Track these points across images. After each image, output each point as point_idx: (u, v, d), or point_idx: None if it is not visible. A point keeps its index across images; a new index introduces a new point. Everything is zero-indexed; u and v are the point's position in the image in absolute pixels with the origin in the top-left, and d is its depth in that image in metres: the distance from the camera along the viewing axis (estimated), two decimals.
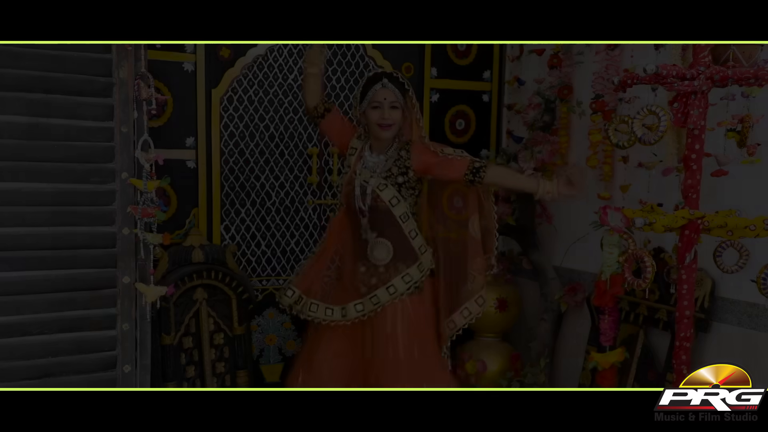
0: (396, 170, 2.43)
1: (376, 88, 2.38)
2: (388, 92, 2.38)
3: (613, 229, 2.05)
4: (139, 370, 2.29)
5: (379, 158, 2.47)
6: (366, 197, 2.41)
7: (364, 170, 2.46)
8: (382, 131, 2.41)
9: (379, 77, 2.40)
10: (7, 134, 2.11)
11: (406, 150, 2.46)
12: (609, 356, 2.33)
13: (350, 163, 2.51)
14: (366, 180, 2.43)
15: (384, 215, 2.42)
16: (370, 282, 2.42)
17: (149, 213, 2.20)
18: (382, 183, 2.41)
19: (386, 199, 2.41)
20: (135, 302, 2.27)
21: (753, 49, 2.05)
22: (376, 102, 2.38)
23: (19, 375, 2.14)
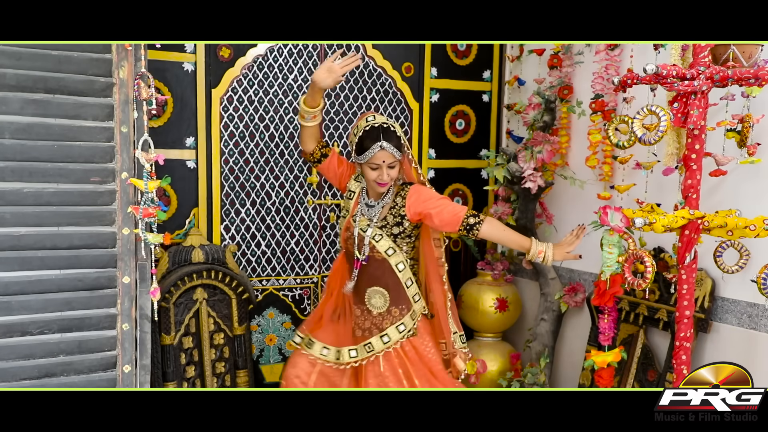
0: (391, 219, 2.36)
1: (374, 150, 2.25)
2: (387, 154, 2.26)
3: (613, 229, 2.05)
4: (139, 370, 2.29)
5: (378, 204, 2.39)
6: (363, 247, 2.35)
7: (362, 217, 2.39)
8: (378, 187, 2.33)
9: (377, 135, 2.26)
10: (7, 134, 2.11)
11: (402, 197, 2.36)
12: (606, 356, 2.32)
13: (348, 207, 2.44)
14: (363, 229, 2.37)
15: (381, 264, 2.36)
16: (364, 326, 2.38)
17: (150, 213, 2.20)
18: (378, 233, 2.35)
19: (382, 250, 2.34)
20: (135, 302, 2.27)
21: (753, 49, 2.05)
22: (374, 164, 2.28)
23: (19, 375, 2.14)
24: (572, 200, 3.22)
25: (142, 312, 2.28)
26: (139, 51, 2.23)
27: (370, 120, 2.31)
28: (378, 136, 2.26)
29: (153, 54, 2.82)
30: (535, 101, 3.16)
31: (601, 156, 2.94)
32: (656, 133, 1.98)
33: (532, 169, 3.06)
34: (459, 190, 3.69)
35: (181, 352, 2.93)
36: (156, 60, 2.91)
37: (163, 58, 2.98)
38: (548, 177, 3.16)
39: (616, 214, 2.04)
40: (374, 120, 2.31)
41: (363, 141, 2.29)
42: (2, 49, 2.08)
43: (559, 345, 3.29)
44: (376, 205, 2.40)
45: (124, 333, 2.26)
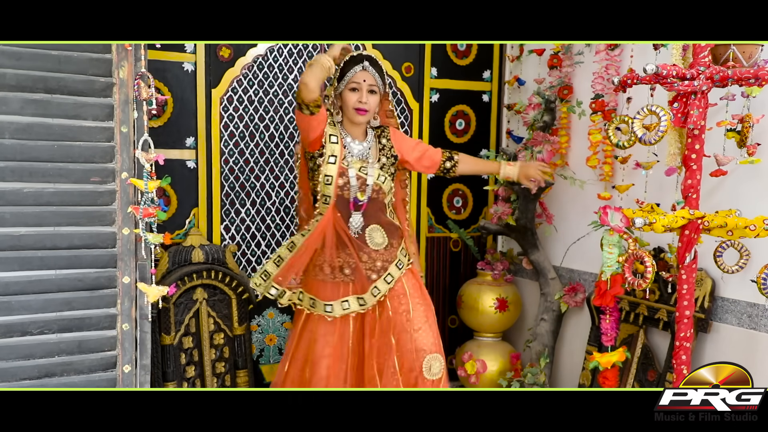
0: (386, 160, 2.42)
1: (356, 69, 2.31)
2: (368, 75, 2.32)
3: (613, 229, 2.05)
4: (139, 370, 2.29)
5: (363, 145, 2.42)
6: (367, 188, 2.36)
7: (353, 160, 2.38)
8: (357, 115, 2.34)
9: (360, 59, 2.33)
10: (7, 134, 2.11)
11: (386, 138, 2.45)
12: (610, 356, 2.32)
13: (334, 151, 2.35)
14: (363, 171, 2.37)
15: (378, 204, 2.41)
16: (376, 266, 2.39)
17: (150, 213, 2.20)
18: (381, 174, 2.39)
19: (386, 191, 2.41)
20: (135, 302, 2.28)
21: (753, 49, 2.05)
22: (354, 83, 2.31)
23: (19, 375, 2.15)
24: (572, 200, 3.21)
25: (142, 312, 2.28)
26: (139, 51, 2.23)
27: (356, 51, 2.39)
28: (362, 59, 2.34)
29: (153, 54, 2.82)
30: (535, 101, 3.16)
31: (602, 156, 2.94)
32: (656, 133, 1.98)
33: None
34: (459, 190, 3.69)
35: (181, 352, 2.93)
36: (156, 60, 2.91)
37: (163, 58, 2.98)
38: (548, 177, 3.16)
39: (616, 214, 2.04)
40: (360, 51, 2.39)
41: (345, 66, 2.33)
42: (2, 49, 2.08)
43: (559, 345, 3.29)
44: (363, 146, 2.42)
45: (124, 333, 2.26)
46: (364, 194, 2.36)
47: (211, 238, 3.16)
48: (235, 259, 3.17)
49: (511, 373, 3.22)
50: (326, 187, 2.34)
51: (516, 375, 3.21)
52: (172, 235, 3.01)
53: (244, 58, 3.16)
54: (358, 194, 2.35)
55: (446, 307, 3.68)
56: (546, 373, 3.12)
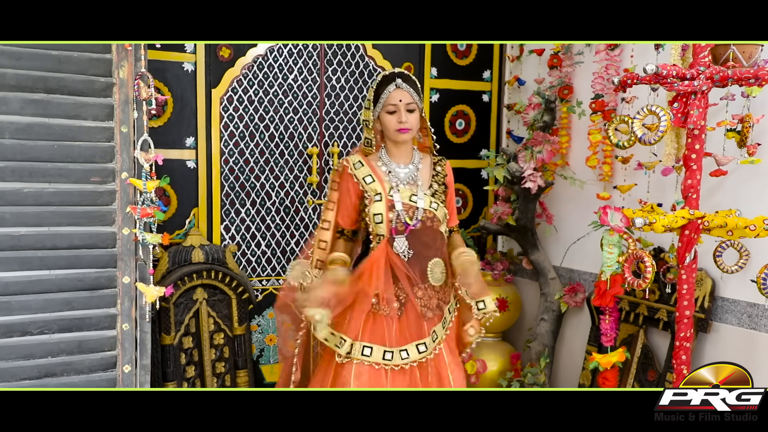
0: (438, 187, 2.25)
1: (389, 89, 2.15)
2: (404, 93, 2.16)
3: (613, 229, 2.05)
4: (139, 370, 2.29)
5: (409, 168, 2.23)
6: (416, 213, 2.17)
7: (403, 187, 2.20)
8: (400, 135, 2.16)
9: (392, 77, 2.17)
10: (7, 134, 2.11)
11: (441, 167, 2.29)
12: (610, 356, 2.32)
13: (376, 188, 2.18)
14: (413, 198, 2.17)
15: (434, 233, 2.21)
16: (432, 304, 2.20)
17: (149, 213, 2.20)
18: (433, 201, 2.20)
19: (441, 218, 2.21)
20: (135, 302, 2.28)
21: (753, 49, 2.05)
22: (391, 106, 2.15)
23: (19, 375, 2.15)
24: (572, 200, 3.22)
25: (142, 312, 2.28)
26: (139, 51, 2.23)
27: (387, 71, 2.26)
28: (394, 78, 2.17)
29: (153, 54, 2.82)
30: (535, 101, 3.16)
31: (602, 156, 2.94)
32: (656, 133, 1.98)
33: (532, 169, 3.06)
34: (459, 190, 3.69)
35: (181, 352, 2.93)
36: (156, 60, 2.91)
37: (163, 58, 2.98)
38: (548, 177, 3.16)
39: (616, 214, 2.04)
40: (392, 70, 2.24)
41: (379, 88, 2.18)
42: (2, 49, 2.08)
43: (559, 345, 3.29)
44: (410, 168, 2.23)
45: (124, 333, 2.26)
46: (413, 219, 2.17)
47: (211, 238, 3.16)
48: (235, 259, 3.17)
49: (511, 373, 3.22)
50: (378, 226, 2.17)
51: (516, 375, 3.21)
52: (171, 235, 3.01)
53: (244, 58, 3.16)
54: (406, 219, 2.17)
55: None
56: (546, 373, 3.12)
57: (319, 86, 3.32)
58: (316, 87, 3.32)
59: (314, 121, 3.33)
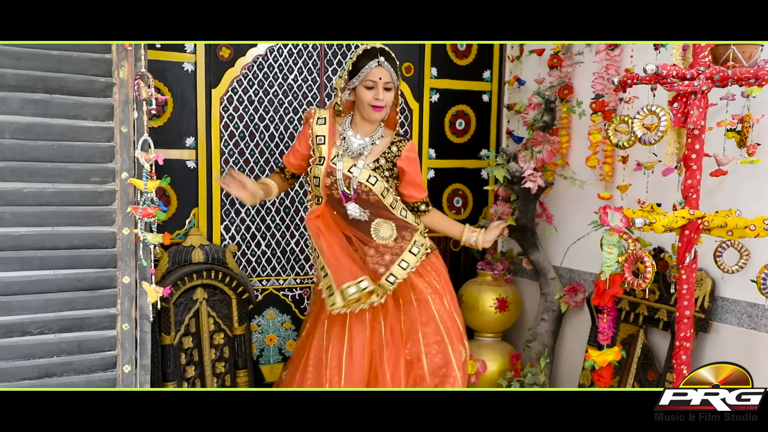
0: (384, 163, 2.37)
1: (371, 65, 2.23)
2: (384, 72, 2.25)
3: (613, 229, 2.05)
4: (139, 370, 2.29)
5: (365, 140, 2.36)
6: (352, 183, 2.32)
7: (345, 156, 2.34)
8: (374, 112, 2.28)
9: (374, 53, 2.25)
10: (7, 134, 2.11)
11: (398, 147, 2.39)
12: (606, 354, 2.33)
13: (322, 152, 2.35)
14: (351, 170, 2.33)
15: (375, 204, 2.38)
16: (384, 260, 2.39)
17: (149, 213, 2.20)
18: (372, 175, 2.34)
19: (378, 192, 2.35)
20: (135, 302, 2.28)
21: (753, 49, 2.05)
22: (370, 81, 2.25)
23: (19, 375, 2.15)
24: (572, 200, 3.22)
25: (142, 312, 2.28)
26: (139, 51, 2.23)
27: (369, 43, 2.31)
28: (376, 54, 2.26)
29: (153, 54, 2.82)
30: (535, 101, 3.16)
31: (602, 156, 2.94)
32: (656, 133, 1.98)
33: (532, 169, 3.05)
34: (459, 190, 3.69)
35: (181, 352, 2.93)
36: (156, 60, 2.91)
37: (163, 58, 2.98)
38: (548, 177, 3.16)
39: (616, 214, 2.04)
40: (375, 44, 2.30)
41: (359, 60, 2.27)
42: (2, 49, 2.08)
43: (559, 345, 3.29)
44: (365, 141, 2.36)
45: (124, 333, 2.26)
46: (349, 189, 2.33)
47: (211, 238, 3.16)
48: (235, 259, 3.17)
49: (511, 373, 3.22)
50: (316, 188, 2.38)
51: (516, 375, 3.21)
52: (172, 235, 3.01)
53: (244, 58, 3.16)
54: (344, 188, 2.33)
55: None
56: (546, 373, 3.12)
57: (319, 86, 3.32)
58: (316, 87, 3.32)
59: None
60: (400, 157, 2.39)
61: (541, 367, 3.12)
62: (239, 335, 3.06)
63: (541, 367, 3.12)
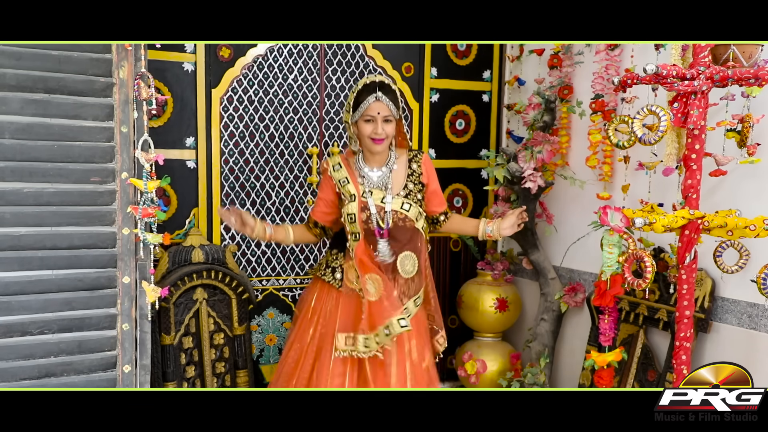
0: (414, 187, 2.38)
1: (369, 100, 2.25)
2: (382, 106, 2.26)
3: (613, 229, 2.05)
4: (139, 370, 2.29)
5: (382, 171, 2.38)
6: (386, 216, 2.32)
7: (374, 189, 2.35)
8: (374, 145, 2.30)
9: (372, 88, 2.27)
10: (7, 134, 2.11)
11: (417, 164, 2.41)
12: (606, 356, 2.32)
13: (349, 191, 2.36)
14: (382, 200, 2.34)
15: (405, 231, 2.36)
16: (411, 291, 2.38)
17: (149, 213, 2.20)
18: (406, 202, 2.35)
19: (413, 217, 2.36)
20: (135, 302, 2.28)
21: (753, 49, 2.05)
22: (368, 116, 2.27)
23: (19, 375, 2.15)
24: (572, 200, 3.22)
25: (142, 312, 2.28)
26: (139, 51, 2.24)
27: (372, 77, 2.31)
28: (375, 89, 2.27)
29: (153, 54, 2.82)
30: (535, 101, 3.16)
31: (602, 156, 2.94)
32: (656, 133, 1.98)
33: (532, 169, 3.06)
34: (459, 190, 3.69)
35: (181, 352, 2.93)
36: (156, 60, 2.91)
37: (163, 58, 2.98)
38: (548, 177, 3.16)
39: (616, 214, 2.04)
40: (374, 77, 2.32)
41: (359, 95, 2.28)
42: (2, 49, 2.08)
43: (559, 345, 3.29)
44: (383, 172, 2.38)
45: (124, 333, 2.27)
46: (384, 222, 2.33)
47: (211, 238, 3.16)
48: (235, 259, 3.17)
49: (511, 373, 3.22)
50: (351, 225, 2.35)
51: (516, 375, 3.21)
52: (172, 235, 3.01)
53: (244, 58, 3.16)
54: (379, 222, 2.33)
55: (446, 307, 3.68)
56: (546, 373, 3.12)
57: (319, 86, 3.32)
58: (316, 87, 3.32)
59: (314, 121, 3.33)
60: (423, 174, 2.41)
61: (541, 367, 3.12)
62: (239, 335, 3.06)
63: (541, 367, 3.12)
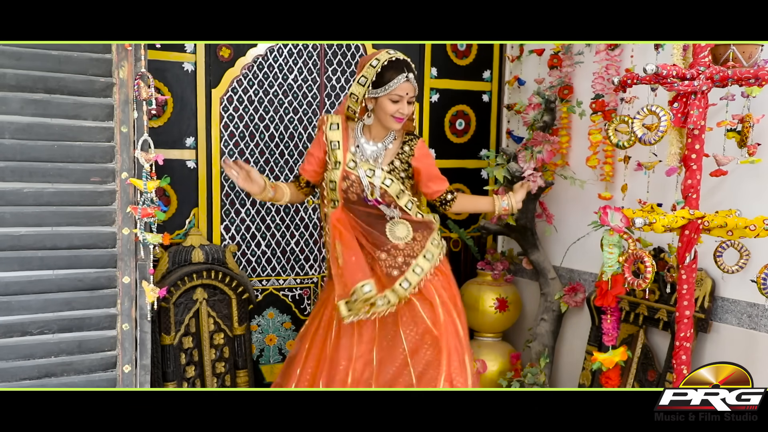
0: (399, 164, 2.41)
1: (400, 79, 2.26)
2: (411, 87, 2.29)
3: (613, 229, 2.05)
4: (139, 370, 2.29)
5: (377, 146, 2.41)
6: (375, 189, 2.36)
7: (362, 161, 2.38)
8: (395, 123, 2.33)
9: (401, 67, 2.28)
10: (7, 134, 2.11)
11: (410, 147, 2.45)
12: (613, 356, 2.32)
13: (337, 157, 2.39)
14: (369, 172, 2.37)
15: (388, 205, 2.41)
16: (397, 262, 2.39)
17: (149, 213, 2.20)
18: (388, 178, 2.38)
19: (393, 194, 2.39)
20: (135, 302, 2.28)
21: (753, 49, 2.05)
22: (396, 95, 2.28)
23: (19, 375, 2.15)
24: (572, 200, 3.22)
25: (142, 312, 2.28)
26: (139, 51, 2.23)
27: (392, 53, 2.31)
28: (403, 68, 2.28)
29: (153, 54, 2.82)
30: (535, 101, 3.16)
31: (602, 156, 2.94)
32: (656, 133, 1.98)
33: (532, 169, 3.06)
34: (459, 189, 3.69)
35: (181, 352, 2.93)
36: (156, 60, 2.91)
37: (163, 58, 2.98)
38: (548, 177, 3.16)
39: (616, 214, 2.04)
40: (396, 54, 2.31)
41: (385, 72, 2.26)
42: (2, 49, 2.08)
43: (559, 345, 3.29)
44: (378, 147, 2.40)
45: (124, 333, 2.26)
46: (374, 194, 2.37)
47: (211, 238, 3.16)
48: (235, 259, 3.17)
49: (511, 373, 3.22)
50: (332, 192, 2.40)
51: (516, 375, 3.21)
52: (172, 235, 3.01)
53: (244, 58, 3.16)
54: (368, 194, 2.36)
55: None
56: (546, 373, 3.12)
57: (319, 86, 3.32)
58: (316, 87, 3.32)
59: (314, 121, 3.33)
60: (414, 156, 2.43)
61: (541, 367, 3.12)
62: (239, 335, 3.06)
63: (541, 367, 3.12)
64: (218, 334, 3.03)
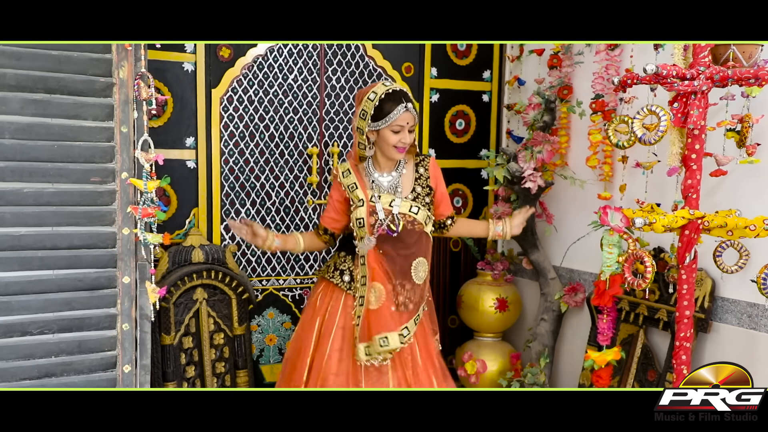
0: (422, 190, 2.40)
1: (399, 110, 2.26)
2: (410, 116, 2.29)
3: (613, 229, 2.05)
4: (139, 370, 2.29)
5: (392, 176, 2.40)
6: (396, 220, 2.33)
7: (384, 194, 2.37)
8: (397, 153, 2.32)
9: (399, 98, 2.27)
10: (7, 134, 2.11)
11: (424, 168, 2.43)
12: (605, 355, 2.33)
13: (358, 195, 2.37)
14: (390, 204, 2.34)
15: (415, 235, 2.37)
16: (415, 298, 2.38)
17: (149, 213, 2.20)
18: (414, 205, 2.36)
19: (422, 220, 2.37)
20: (135, 302, 2.28)
21: (753, 49, 2.05)
22: (397, 126, 2.28)
23: (19, 375, 2.14)
24: (572, 200, 3.22)
25: (142, 312, 2.28)
26: (139, 51, 2.23)
27: (388, 85, 2.30)
28: (401, 98, 2.28)
29: (153, 54, 2.82)
30: (535, 101, 3.16)
31: (602, 156, 2.94)
32: (656, 133, 1.98)
33: (532, 169, 3.06)
34: (459, 190, 3.69)
35: (181, 352, 2.93)
36: (156, 60, 2.91)
37: (163, 58, 2.98)
38: (548, 177, 3.16)
39: (616, 214, 2.04)
40: (392, 85, 2.31)
41: (384, 104, 2.27)
42: (2, 49, 2.08)
43: (559, 345, 3.29)
44: (392, 176, 2.40)
45: (124, 333, 2.26)
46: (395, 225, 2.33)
47: (211, 238, 3.16)
48: (235, 259, 3.17)
49: (511, 373, 3.22)
50: (360, 229, 2.35)
51: (516, 375, 3.21)
52: (172, 235, 3.01)
53: (244, 58, 3.16)
54: (390, 225, 2.33)
55: (446, 307, 3.69)
56: (546, 373, 3.12)
57: (319, 86, 3.32)
58: (316, 87, 3.32)
59: (314, 121, 3.33)
60: (431, 176, 2.44)
61: (541, 367, 3.12)
62: (239, 335, 3.06)
63: (541, 367, 3.12)
64: (218, 334, 3.03)
